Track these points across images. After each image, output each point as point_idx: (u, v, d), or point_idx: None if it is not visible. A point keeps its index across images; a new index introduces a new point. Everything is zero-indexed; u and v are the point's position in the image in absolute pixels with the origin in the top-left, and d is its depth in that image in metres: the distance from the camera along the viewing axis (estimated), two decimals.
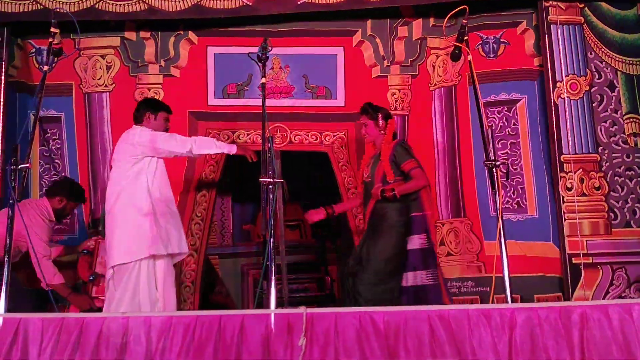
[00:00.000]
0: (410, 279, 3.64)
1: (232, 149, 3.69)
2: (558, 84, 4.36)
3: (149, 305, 3.42)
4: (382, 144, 3.85)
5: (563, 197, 4.26)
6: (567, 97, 4.35)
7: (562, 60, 4.39)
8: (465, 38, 3.10)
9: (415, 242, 3.68)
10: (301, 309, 2.35)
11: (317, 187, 5.22)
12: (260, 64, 3.23)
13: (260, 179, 2.94)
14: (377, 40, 4.68)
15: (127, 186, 3.49)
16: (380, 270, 3.68)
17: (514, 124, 4.58)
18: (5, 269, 2.65)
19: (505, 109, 4.59)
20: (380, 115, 3.87)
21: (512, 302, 2.61)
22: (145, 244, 3.43)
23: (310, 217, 4.02)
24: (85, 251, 4.11)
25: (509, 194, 4.48)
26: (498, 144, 4.52)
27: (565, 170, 4.28)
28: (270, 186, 2.91)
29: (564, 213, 4.23)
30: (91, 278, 3.98)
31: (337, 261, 5.77)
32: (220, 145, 3.67)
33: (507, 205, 4.47)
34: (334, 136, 4.62)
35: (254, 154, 3.68)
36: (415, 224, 3.70)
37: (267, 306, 2.68)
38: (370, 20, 4.66)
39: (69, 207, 4.17)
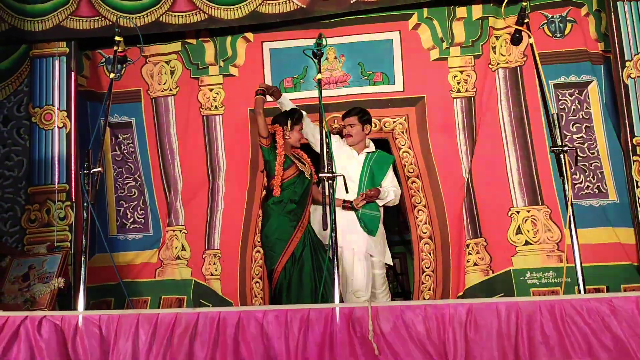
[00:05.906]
0: None
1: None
2: (627, 63, 4.15)
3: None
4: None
5: (637, 182, 4.04)
6: (638, 76, 4.13)
7: (630, 39, 4.17)
8: (526, 21, 3.00)
9: None
10: (365, 303, 2.35)
11: None
12: (315, 60, 3.25)
13: (319, 174, 2.96)
14: (435, 22, 4.52)
15: None
16: None
17: (587, 108, 4.34)
18: (83, 269, 2.80)
19: (577, 91, 4.36)
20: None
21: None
22: None
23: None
24: None
25: (588, 179, 4.25)
26: (573, 127, 4.32)
27: (638, 153, 4.06)
28: (329, 181, 2.92)
29: (639, 199, 4.02)
30: None
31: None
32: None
33: (588, 191, 4.24)
34: (394, 122, 4.52)
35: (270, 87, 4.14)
36: None
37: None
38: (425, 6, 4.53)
39: None
